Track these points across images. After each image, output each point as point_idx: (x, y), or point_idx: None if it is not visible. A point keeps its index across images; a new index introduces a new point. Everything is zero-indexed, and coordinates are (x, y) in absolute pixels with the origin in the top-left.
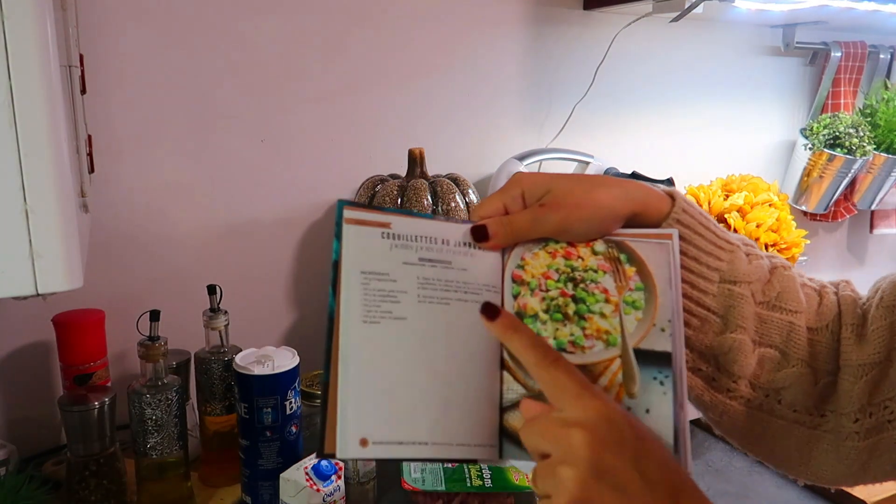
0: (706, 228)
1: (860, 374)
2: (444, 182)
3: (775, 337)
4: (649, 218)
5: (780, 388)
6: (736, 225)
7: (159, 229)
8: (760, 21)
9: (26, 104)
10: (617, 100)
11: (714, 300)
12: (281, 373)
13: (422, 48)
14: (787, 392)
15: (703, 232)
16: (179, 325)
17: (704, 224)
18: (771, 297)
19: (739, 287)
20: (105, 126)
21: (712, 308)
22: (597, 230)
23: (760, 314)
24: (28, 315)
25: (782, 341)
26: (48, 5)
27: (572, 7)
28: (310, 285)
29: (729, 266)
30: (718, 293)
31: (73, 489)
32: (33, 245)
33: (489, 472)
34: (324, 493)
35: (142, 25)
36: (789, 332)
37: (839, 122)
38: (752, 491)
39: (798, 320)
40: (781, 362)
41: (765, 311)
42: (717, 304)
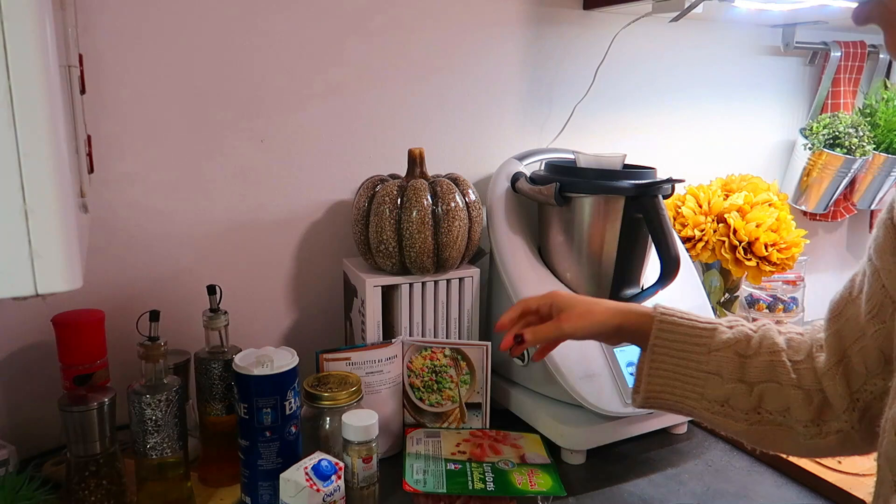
0: (686, 318)
1: (833, 375)
2: (444, 182)
3: (765, 374)
4: (634, 325)
5: (784, 408)
6: (736, 225)
7: (159, 229)
8: (760, 21)
9: (25, 104)
10: (617, 100)
11: (709, 365)
12: (280, 373)
13: (421, 48)
14: (791, 411)
15: (684, 322)
16: (179, 325)
17: (683, 316)
18: (754, 348)
19: (722, 352)
20: (105, 126)
21: (710, 370)
22: (595, 334)
23: (746, 363)
24: (28, 315)
25: (771, 376)
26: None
27: (572, 7)
28: (310, 285)
29: (710, 340)
30: (710, 360)
31: (72, 489)
32: (33, 245)
33: (491, 475)
34: (324, 493)
35: (142, 25)
36: (773, 367)
37: (839, 122)
38: (752, 491)
39: (778, 357)
40: (779, 390)
41: (750, 359)
42: (711, 367)
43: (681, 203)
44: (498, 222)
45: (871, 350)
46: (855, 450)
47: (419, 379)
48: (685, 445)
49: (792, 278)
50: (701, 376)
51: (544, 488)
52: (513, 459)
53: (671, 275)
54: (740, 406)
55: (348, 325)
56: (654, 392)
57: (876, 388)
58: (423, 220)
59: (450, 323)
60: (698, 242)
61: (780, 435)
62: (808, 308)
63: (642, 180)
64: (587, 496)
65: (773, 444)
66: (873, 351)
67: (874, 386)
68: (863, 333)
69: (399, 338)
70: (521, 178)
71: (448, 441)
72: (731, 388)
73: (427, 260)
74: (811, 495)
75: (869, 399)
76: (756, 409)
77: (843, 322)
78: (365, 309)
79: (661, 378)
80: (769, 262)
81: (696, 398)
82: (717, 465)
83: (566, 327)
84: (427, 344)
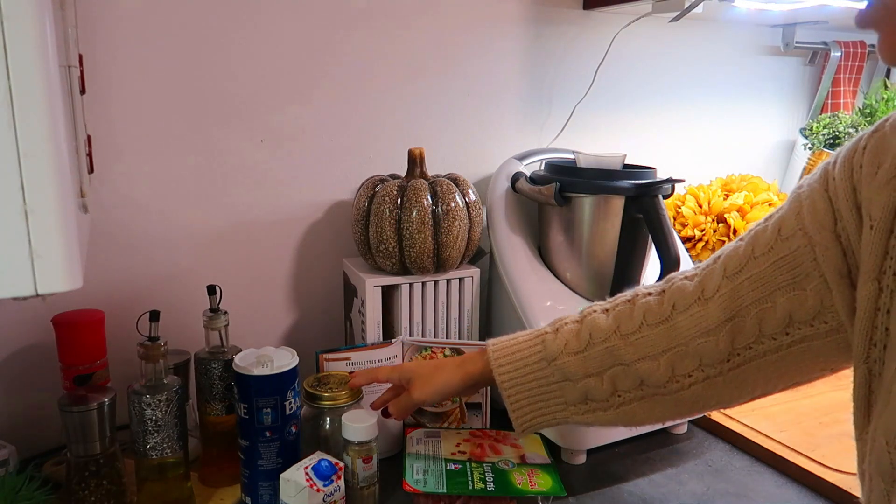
0: (515, 341)
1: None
2: (444, 182)
3: (607, 361)
4: (477, 372)
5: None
6: (736, 225)
7: (159, 229)
8: (760, 21)
9: (25, 104)
10: (617, 100)
11: (555, 376)
12: (280, 373)
13: (422, 48)
14: (646, 382)
15: (513, 345)
16: (179, 325)
17: (513, 340)
18: (585, 342)
19: (560, 359)
20: (105, 126)
21: (558, 379)
22: (445, 394)
23: (585, 356)
24: (28, 315)
25: (613, 360)
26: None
27: (572, 7)
28: (310, 285)
29: (545, 351)
30: (554, 370)
31: (72, 489)
32: (33, 245)
33: (492, 475)
34: (324, 493)
35: (142, 25)
36: (611, 352)
37: (839, 122)
38: (752, 491)
39: (611, 342)
40: (626, 370)
41: (587, 353)
42: (558, 376)
43: (681, 203)
44: (498, 222)
45: (776, 314)
46: (718, 398)
47: None
48: (685, 445)
49: None
50: (554, 388)
51: (544, 488)
52: (513, 459)
53: None
54: (598, 397)
55: (348, 325)
56: (526, 421)
57: (764, 347)
58: (423, 220)
59: (450, 323)
60: (698, 242)
61: (645, 407)
62: None
63: (642, 180)
64: (587, 496)
65: (643, 418)
66: (779, 315)
67: (762, 345)
68: (768, 296)
69: (399, 338)
70: (521, 178)
71: (448, 441)
72: (583, 386)
73: (427, 260)
74: (811, 495)
75: (752, 355)
76: (614, 393)
77: (741, 281)
78: (365, 309)
79: (524, 406)
80: None
81: (561, 407)
82: (717, 465)
83: (416, 396)
84: (427, 344)
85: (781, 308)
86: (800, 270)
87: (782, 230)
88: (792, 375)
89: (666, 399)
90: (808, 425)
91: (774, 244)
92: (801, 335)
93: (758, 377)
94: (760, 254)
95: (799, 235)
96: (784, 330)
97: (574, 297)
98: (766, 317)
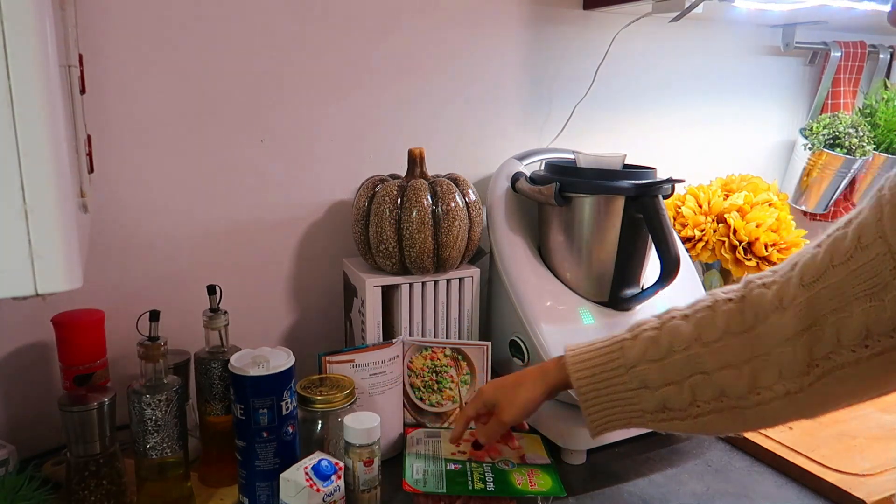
0: (593, 347)
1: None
2: (444, 182)
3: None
4: (557, 380)
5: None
6: (736, 225)
7: (159, 229)
8: (760, 21)
9: (25, 104)
10: (617, 100)
11: (633, 383)
12: (276, 373)
13: (422, 48)
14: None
15: (592, 351)
16: (179, 325)
17: (591, 346)
18: (665, 349)
19: (639, 366)
20: (105, 126)
21: (636, 387)
22: (532, 410)
23: (664, 365)
24: (28, 315)
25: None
26: (48, 5)
27: (572, 7)
28: (310, 285)
29: (623, 358)
30: (632, 377)
31: (72, 489)
32: (33, 245)
33: (491, 475)
34: (324, 493)
35: (142, 25)
36: (690, 361)
37: (839, 122)
38: (752, 491)
39: (693, 349)
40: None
41: (666, 361)
42: (636, 383)
43: (681, 203)
44: (498, 222)
45: (853, 324)
46: (801, 412)
47: (420, 379)
48: (685, 445)
49: None
50: (631, 395)
51: (544, 488)
52: (513, 459)
53: (671, 275)
54: (677, 406)
55: (348, 325)
56: (600, 426)
57: (842, 359)
58: (423, 220)
59: (450, 323)
60: (698, 242)
61: (725, 418)
62: None
63: (642, 180)
64: (587, 496)
65: (720, 429)
66: (856, 326)
67: (842, 357)
68: (846, 306)
69: (399, 338)
70: (521, 178)
71: (448, 441)
72: (662, 394)
73: (427, 260)
74: (811, 495)
75: (831, 367)
76: (693, 403)
77: (819, 289)
78: (365, 309)
79: (599, 412)
80: (769, 263)
81: (638, 414)
82: (717, 465)
83: (507, 419)
84: (427, 344)
85: (858, 319)
86: (878, 280)
87: (862, 238)
88: (876, 387)
89: (746, 412)
90: (808, 425)
91: (854, 253)
92: (880, 347)
93: (840, 391)
94: (839, 262)
95: (879, 243)
96: (863, 342)
97: (574, 297)
98: (843, 327)
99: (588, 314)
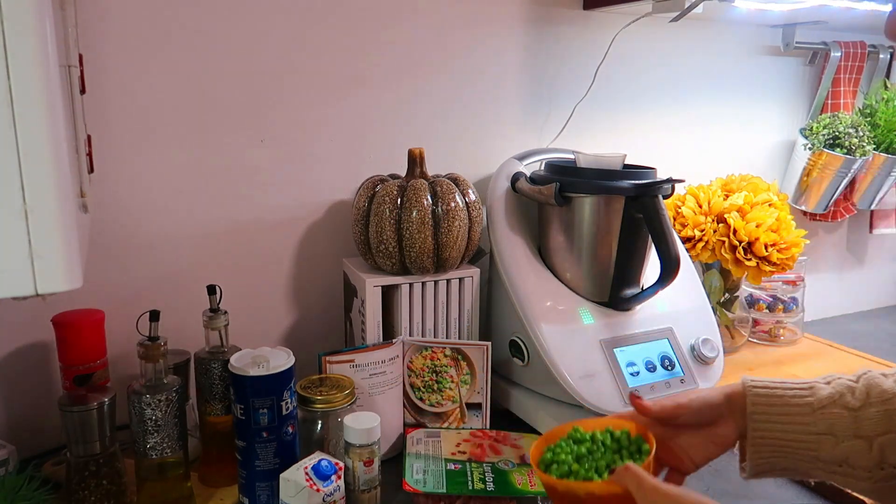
0: (779, 382)
1: None
2: (444, 182)
3: (882, 426)
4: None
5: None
6: (736, 225)
7: (159, 229)
8: (760, 21)
9: (25, 104)
10: (617, 100)
11: (817, 426)
12: (276, 373)
13: (422, 48)
14: None
15: (777, 385)
16: (179, 325)
17: (775, 381)
18: (862, 399)
19: (829, 409)
20: (105, 126)
21: (820, 431)
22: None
23: (858, 416)
24: (28, 315)
25: (889, 426)
26: (48, 5)
27: (572, 7)
28: (310, 285)
29: (811, 398)
30: (817, 420)
31: (72, 489)
32: (33, 245)
33: (491, 475)
34: (324, 493)
35: (142, 25)
36: (890, 417)
37: (839, 122)
38: (751, 491)
39: (892, 405)
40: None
41: (862, 412)
42: (821, 427)
43: (681, 203)
44: (498, 222)
45: None
46: None
47: (420, 379)
48: None
49: (792, 278)
50: (811, 439)
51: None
52: (513, 459)
53: (671, 275)
54: (861, 464)
55: (348, 325)
56: (761, 464)
57: None
58: (423, 220)
59: (450, 323)
60: (698, 242)
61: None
62: (808, 308)
63: (642, 180)
64: None
65: None
66: None
67: None
68: None
69: (399, 338)
70: (521, 178)
71: (448, 441)
72: (847, 447)
73: (427, 260)
74: (811, 495)
75: None
76: (879, 464)
77: None
78: (365, 309)
79: (767, 448)
80: (769, 263)
81: (810, 461)
82: (717, 465)
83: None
84: (427, 344)
85: None
86: None
87: None
88: None
89: None
90: None
91: None
92: None
93: None
94: None
95: None
96: None
97: (574, 297)
98: None
99: (588, 314)
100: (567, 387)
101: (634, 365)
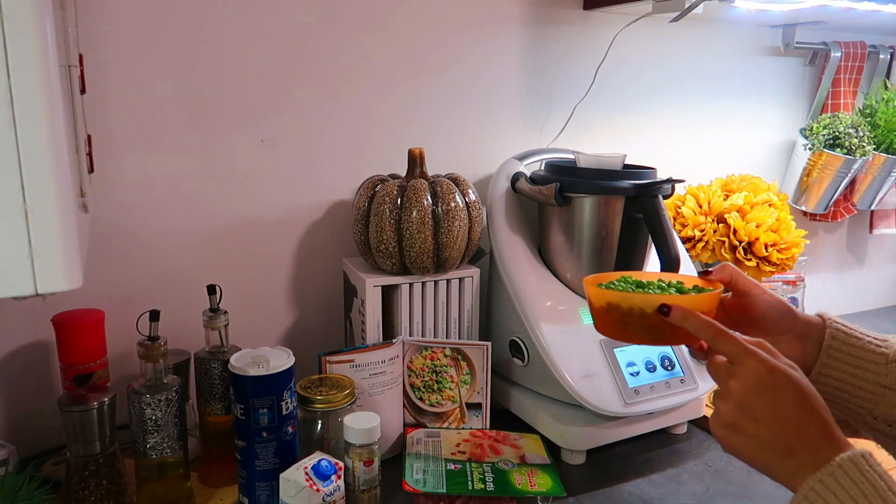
0: (858, 331)
1: None
2: (444, 182)
3: None
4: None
5: None
6: (736, 225)
7: (159, 229)
8: (760, 21)
9: (25, 104)
10: (617, 100)
11: (887, 378)
12: (276, 373)
13: (422, 48)
14: None
15: (855, 330)
16: (179, 325)
17: (854, 326)
18: None
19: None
20: (105, 126)
21: (888, 384)
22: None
23: None
24: (28, 315)
25: None
26: (48, 5)
27: (572, 7)
28: (310, 285)
29: (888, 350)
30: (889, 371)
31: (72, 489)
32: (33, 245)
33: (491, 475)
34: (324, 493)
35: (142, 25)
36: None
37: (839, 123)
38: (751, 491)
39: None
40: None
41: None
42: (889, 381)
43: (681, 203)
44: (498, 222)
45: None
46: None
47: (419, 379)
48: (685, 445)
49: (792, 278)
50: (876, 390)
51: (544, 488)
52: (513, 459)
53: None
54: None
55: (348, 324)
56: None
57: None
58: (423, 220)
59: (450, 323)
60: (698, 242)
61: None
62: (808, 308)
63: (642, 180)
64: (587, 496)
65: None
66: None
67: None
68: None
69: (399, 338)
70: (521, 178)
71: (448, 441)
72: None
73: (427, 260)
74: None
75: None
76: None
77: None
78: (365, 309)
79: (828, 388)
80: (769, 263)
81: (863, 414)
82: (717, 465)
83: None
84: (427, 344)
85: None
86: None
87: None
88: None
89: None
90: None
91: None
92: None
93: None
94: None
95: None
96: None
97: (574, 297)
98: None
99: (588, 314)
100: (567, 387)
101: (634, 365)
